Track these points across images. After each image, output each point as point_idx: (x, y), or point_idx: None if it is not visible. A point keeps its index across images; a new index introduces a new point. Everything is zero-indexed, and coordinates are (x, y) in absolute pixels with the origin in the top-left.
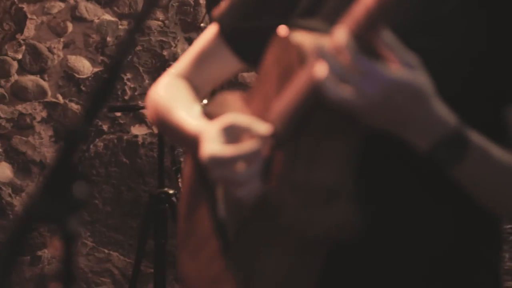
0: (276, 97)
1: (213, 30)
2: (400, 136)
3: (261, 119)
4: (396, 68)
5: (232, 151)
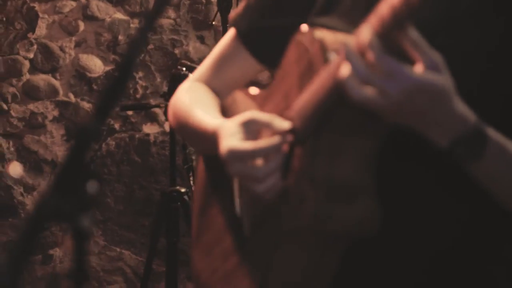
0: (297, 95)
1: (231, 33)
2: (420, 133)
3: (281, 116)
4: (419, 68)
5: (251, 145)
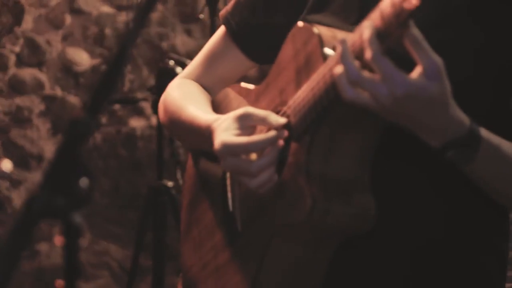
0: (293, 90)
1: (221, 30)
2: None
3: (276, 112)
4: (418, 72)
5: (245, 140)
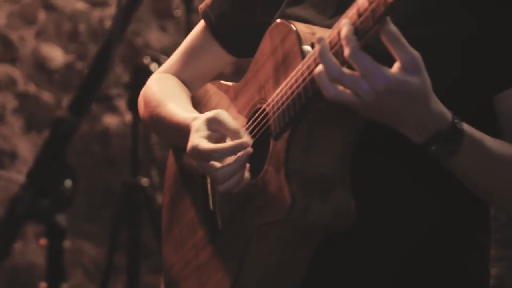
0: (272, 87)
1: (201, 25)
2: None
3: (255, 109)
4: (396, 67)
5: (210, 147)
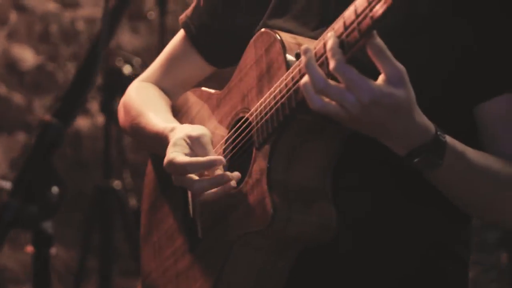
0: (256, 97)
1: (181, 34)
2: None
3: (238, 118)
4: (381, 80)
5: (186, 160)
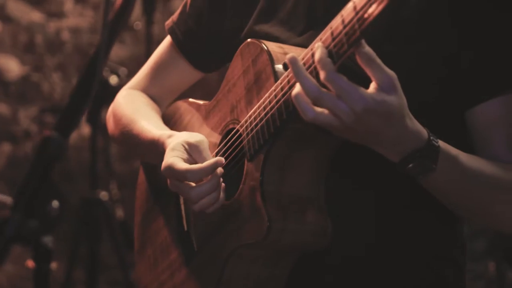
0: (244, 108)
1: (168, 40)
2: (372, 149)
3: (228, 130)
4: (373, 87)
5: (186, 167)
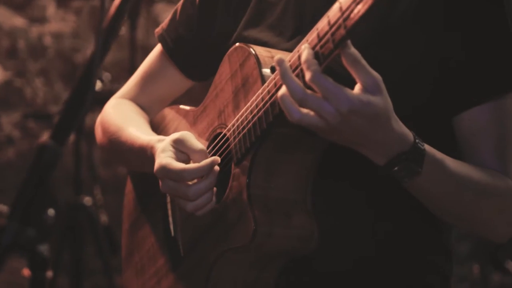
0: (232, 112)
1: (158, 48)
2: (358, 152)
3: (216, 134)
4: (358, 89)
5: (181, 166)
